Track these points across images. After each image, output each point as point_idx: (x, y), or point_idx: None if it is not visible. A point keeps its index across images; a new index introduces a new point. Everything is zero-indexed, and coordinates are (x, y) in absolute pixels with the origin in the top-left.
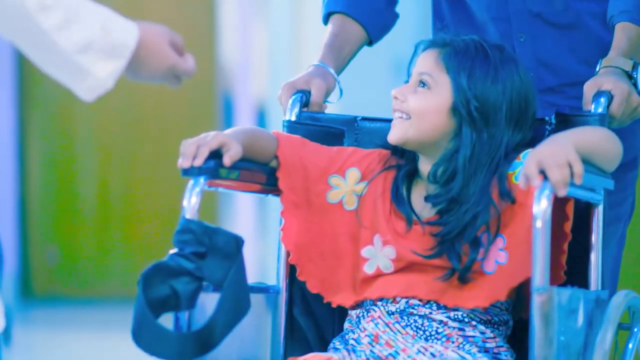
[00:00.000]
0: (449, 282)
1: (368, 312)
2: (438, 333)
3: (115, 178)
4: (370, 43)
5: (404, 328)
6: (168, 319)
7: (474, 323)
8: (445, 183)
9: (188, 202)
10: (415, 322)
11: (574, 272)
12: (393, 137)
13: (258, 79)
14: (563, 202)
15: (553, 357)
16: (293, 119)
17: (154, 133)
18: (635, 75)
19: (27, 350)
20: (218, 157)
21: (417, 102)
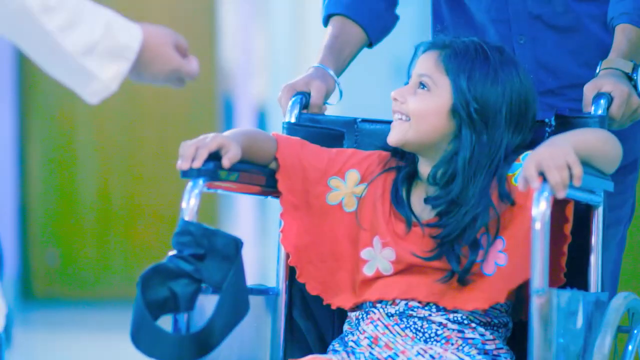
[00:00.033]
0: (449, 284)
1: (367, 314)
2: (437, 335)
3: (116, 180)
4: (370, 45)
5: (404, 330)
6: (167, 321)
7: (474, 325)
8: (445, 185)
9: (187, 204)
10: (415, 324)
11: (574, 274)
12: (392, 138)
13: (258, 81)
14: (563, 204)
15: (552, 359)
16: (293, 121)
17: (154, 134)
18: (635, 77)
19: (27, 352)
20: (217, 159)
21: (416, 103)
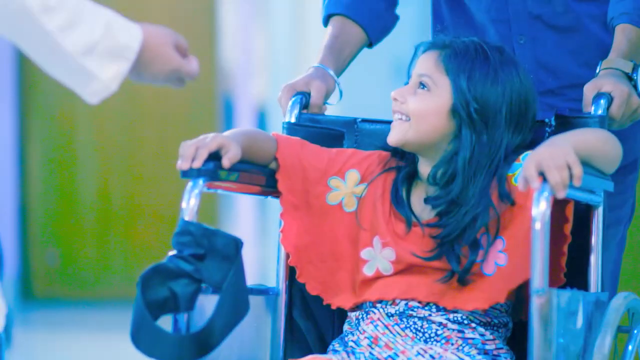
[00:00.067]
0: (449, 284)
1: (367, 314)
2: (437, 335)
3: (116, 180)
4: (370, 45)
5: (404, 330)
6: (167, 321)
7: (474, 325)
8: (445, 185)
9: (187, 204)
10: (415, 324)
11: (574, 274)
12: (392, 138)
13: (258, 81)
14: (563, 204)
15: (552, 359)
16: (293, 121)
17: (154, 134)
18: (635, 77)
19: (27, 352)
20: (217, 159)
21: (416, 103)
